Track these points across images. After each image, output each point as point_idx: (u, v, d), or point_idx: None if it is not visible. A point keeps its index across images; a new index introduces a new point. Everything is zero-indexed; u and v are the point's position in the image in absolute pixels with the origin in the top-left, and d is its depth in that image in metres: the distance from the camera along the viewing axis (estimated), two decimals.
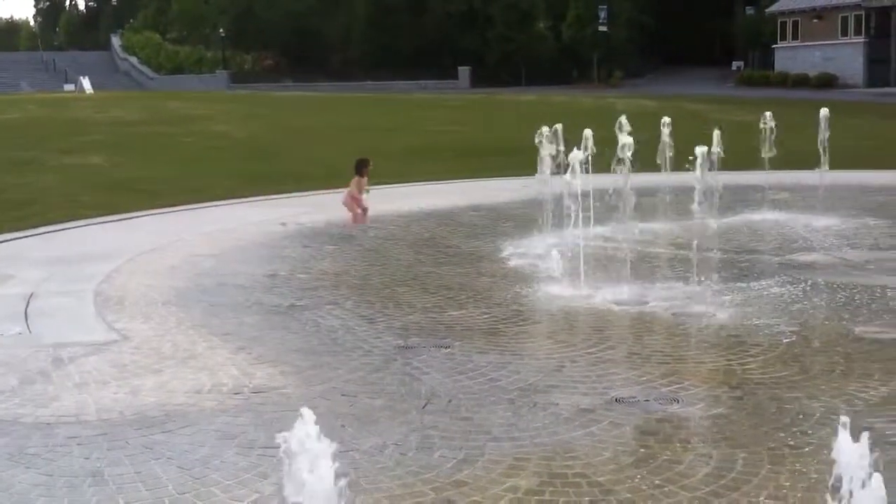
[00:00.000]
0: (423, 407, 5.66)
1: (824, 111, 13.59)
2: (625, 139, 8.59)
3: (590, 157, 9.92)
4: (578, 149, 9.38)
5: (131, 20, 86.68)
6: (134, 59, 72.43)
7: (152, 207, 14.25)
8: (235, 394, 5.91)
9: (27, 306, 8.27)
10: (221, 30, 73.54)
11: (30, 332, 7.52)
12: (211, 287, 9.07)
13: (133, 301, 8.44)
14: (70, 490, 4.56)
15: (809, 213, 13.09)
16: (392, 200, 14.51)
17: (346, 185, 13.17)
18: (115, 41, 78.07)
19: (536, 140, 10.03)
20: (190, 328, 7.53)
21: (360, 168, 12.91)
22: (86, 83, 48.88)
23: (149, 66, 71.19)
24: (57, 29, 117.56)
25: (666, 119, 11.67)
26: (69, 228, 12.54)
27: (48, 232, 12.18)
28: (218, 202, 14.92)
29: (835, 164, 13.73)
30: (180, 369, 6.45)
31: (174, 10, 77.94)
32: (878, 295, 8.44)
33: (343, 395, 5.93)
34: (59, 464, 4.88)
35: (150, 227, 12.65)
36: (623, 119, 9.99)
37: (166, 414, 5.58)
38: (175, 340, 7.16)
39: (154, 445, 5.11)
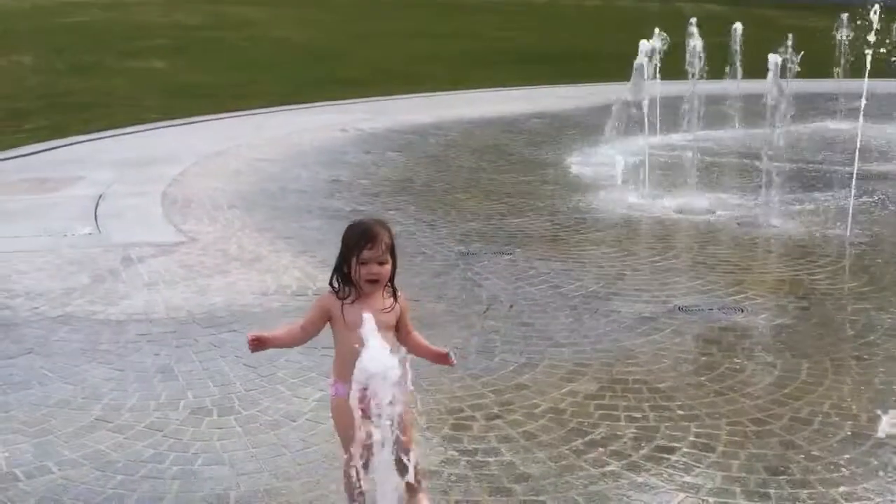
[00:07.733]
0: (485, 312, 5.69)
1: None
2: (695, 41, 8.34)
3: (657, 65, 9.67)
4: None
5: None
6: None
7: (214, 112, 14.30)
8: (299, 295, 6.00)
9: (97, 207, 8.43)
10: None
11: (99, 232, 7.68)
12: (274, 191, 9.14)
13: (199, 204, 8.55)
14: (140, 384, 4.70)
15: (885, 122, 12.67)
16: (452, 106, 14.39)
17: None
18: None
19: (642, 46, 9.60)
20: (254, 231, 7.62)
21: (352, 252, 3.23)
22: None
23: None
24: None
25: (737, 25, 11.32)
26: (134, 132, 12.65)
27: (115, 135, 12.31)
28: (279, 107, 14.91)
29: None
30: (246, 271, 6.56)
31: None
32: None
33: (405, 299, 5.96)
34: (130, 359, 5.03)
35: (213, 132, 12.71)
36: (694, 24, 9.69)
37: (233, 314, 5.69)
38: (240, 243, 7.26)
39: (222, 344, 5.22)
